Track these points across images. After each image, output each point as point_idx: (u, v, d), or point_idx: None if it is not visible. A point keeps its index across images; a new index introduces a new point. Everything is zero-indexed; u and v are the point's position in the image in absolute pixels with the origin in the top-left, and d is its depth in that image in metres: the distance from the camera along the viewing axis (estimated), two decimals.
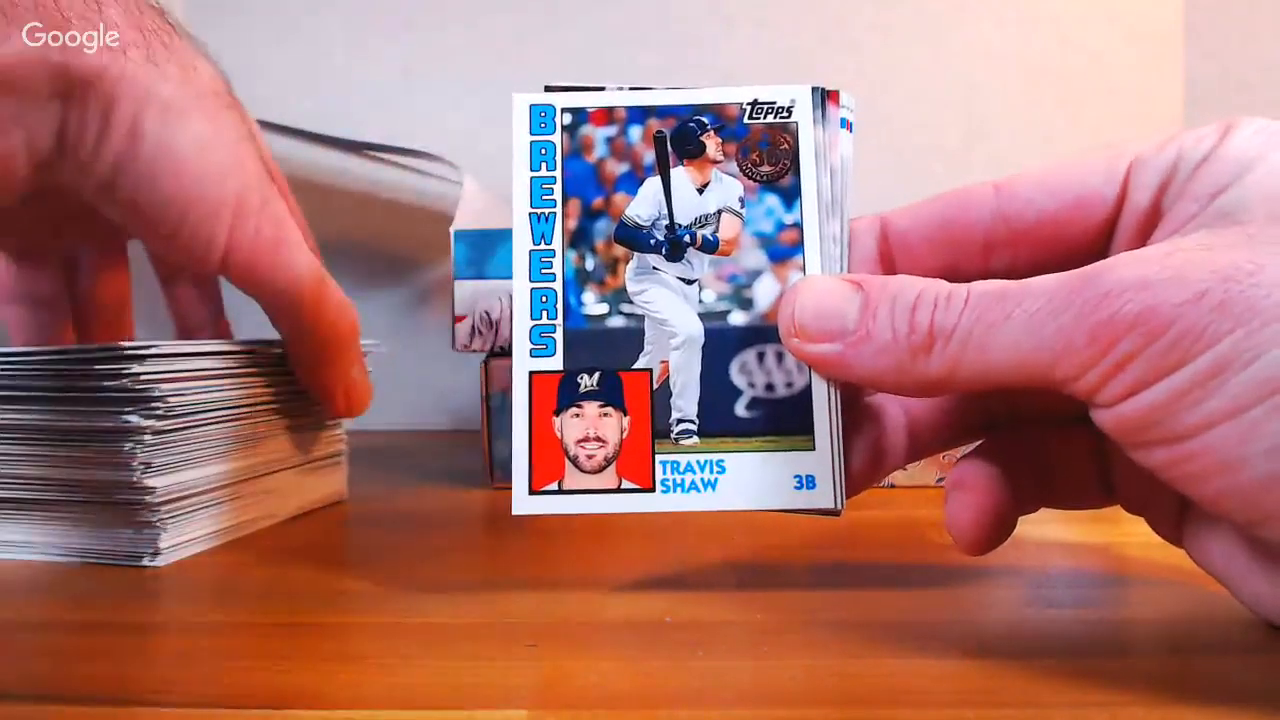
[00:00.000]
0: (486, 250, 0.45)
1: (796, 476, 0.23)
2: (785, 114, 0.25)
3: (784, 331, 0.24)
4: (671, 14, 0.72)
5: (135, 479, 0.30)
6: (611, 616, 0.25)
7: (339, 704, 0.19)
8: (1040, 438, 0.25)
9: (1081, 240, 0.24)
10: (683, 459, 0.24)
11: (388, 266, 0.73)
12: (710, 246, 0.25)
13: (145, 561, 0.30)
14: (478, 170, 0.57)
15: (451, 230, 0.46)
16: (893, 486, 0.43)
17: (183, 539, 0.31)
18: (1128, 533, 0.33)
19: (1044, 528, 0.33)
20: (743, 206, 0.25)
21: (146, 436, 0.30)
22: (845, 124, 0.26)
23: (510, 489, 0.24)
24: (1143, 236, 0.23)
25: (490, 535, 0.37)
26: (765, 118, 0.25)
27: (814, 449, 0.24)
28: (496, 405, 0.45)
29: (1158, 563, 0.29)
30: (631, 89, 0.26)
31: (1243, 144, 0.21)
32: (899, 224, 0.25)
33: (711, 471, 0.23)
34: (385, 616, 0.25)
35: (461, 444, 0.59)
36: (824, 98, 0.26)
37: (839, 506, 0.24)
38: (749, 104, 0.25)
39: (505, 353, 0.45)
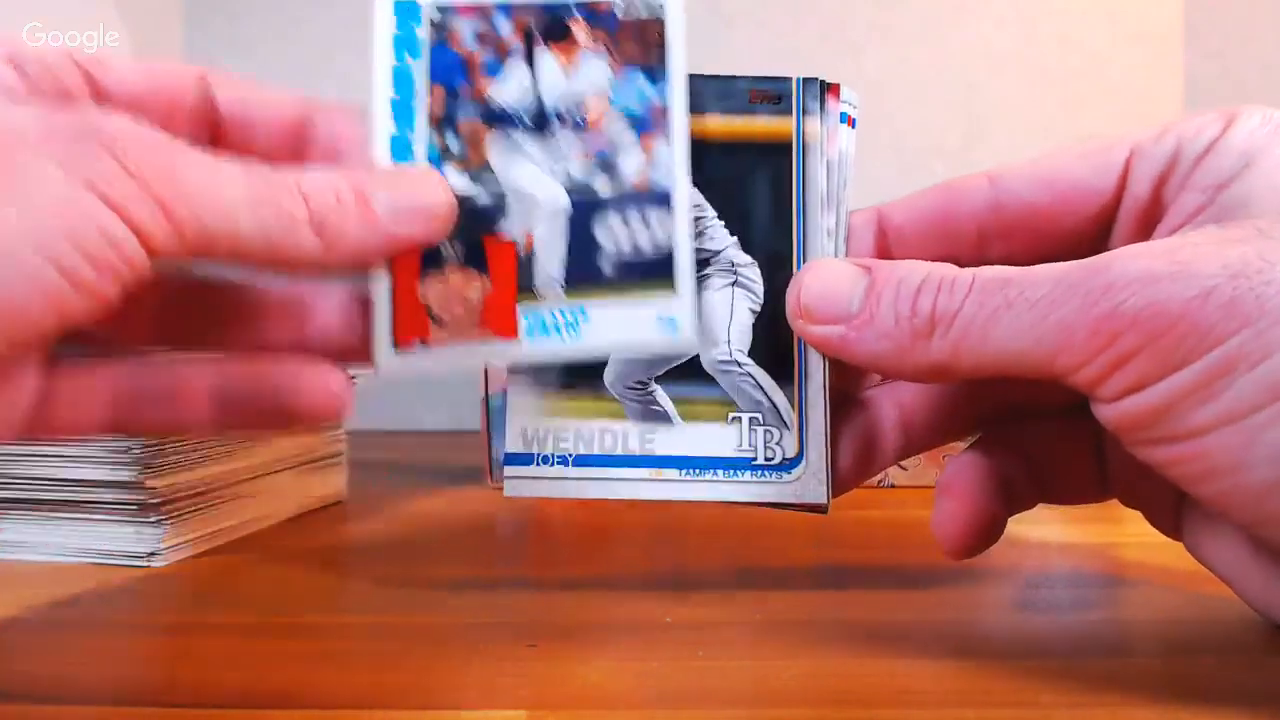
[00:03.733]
0: None
1: (660, 318, 0.23)
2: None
3: (790, 312, 0.23)
4: None
5: (135, 479, 0.30)
6: (611, 616, 0.25)
7: (339, 704, 0.19)
8: (1035, 431, 0.25)
9: (1078, 231, 0.23)
10: (545, 309, 0.23)
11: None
12: (578, 127, 0.25)
13: (145, 561, 0.30)
14: None
15: None
16: (893, 486, 0.43)
17: (183, 539, 0.31)
18: (1127, 533, 0.33)
19: (1043, 528, 0.33)
20: (609, 86, 0.25)
21: (147, 436, 0.30)
22: (846, 119, 0.25)
23: (503, 483, 0.24)
24: (1144, 227, 0.23)
25: (490, 535, 0.37)
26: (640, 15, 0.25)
27: (676, 293, 0.23)
28: (496, 405, 0.45)
29: (1157, 564, 0.29)
30: None
31: (1247, 135, 0.21)
32: (895, 217, 0.25)
33: (575, 318, 0.23)
34: (385, 616, 0.25)
35: (461, 444, 0.59)
36: (823, 90, 0.25)
37: (827, 503, 0.24)
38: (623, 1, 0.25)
39: None
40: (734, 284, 0.25)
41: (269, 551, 0.32)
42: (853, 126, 0.26)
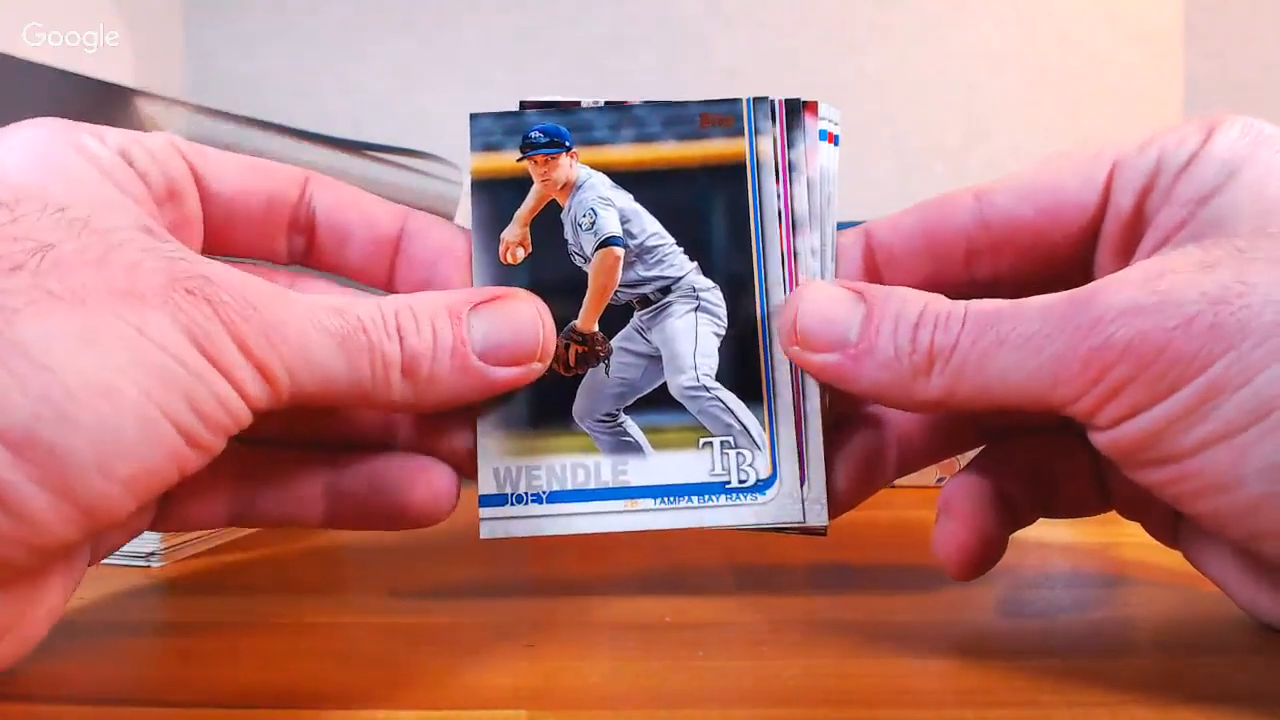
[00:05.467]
0: None
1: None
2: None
3: (784, 338, 0.23)
4: (671, 14, 0.72)
5: None
6: (611, 616, 0.25)
7: (339, 704, 0.19)
8: (1035, 446, 0.25)
9: (1064, 245, 0.23)
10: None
11: None
12: None
13: (145, 561, 0.30)
14: None
15: None
16: (892, 486, 0.43)
17: (183, 539, 0.31)
18: (1126, 534, 0.33)
19: (1043, 529, 0.33)
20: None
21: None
22: (826, 136, 0.25)
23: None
24: (1127, 242, 0.23)
25: None
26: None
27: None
28: None
29: (1156, 564, 0.29)
30: (608, 103, 0.26)
31: (1228, 146, 0.21)
32: (882, 235, 0.25)
33: None
34: (385, 616, 0.25)
35: None
36: (801, 108, 0.25)
37: (825, 525, 0.23)
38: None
39: None
40: (697, 309, 0.24)
41: (269, 551, 0.32)
42: (835, 143, 0.25)
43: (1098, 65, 0.71)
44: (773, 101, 0.25)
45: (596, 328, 0.25)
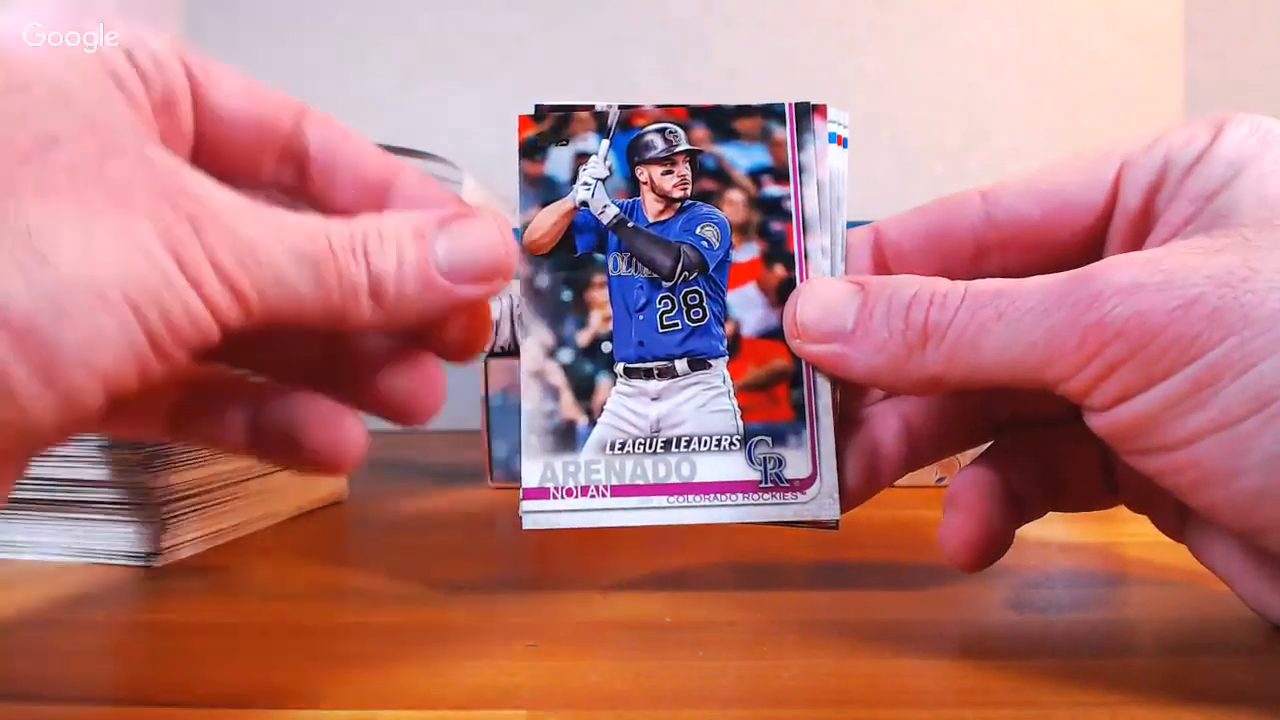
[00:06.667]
0: None
1: None
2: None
3: (787, 331, 0.24)
4: (671, 14, 0.72)
5: (135, 479, 0.30)
6: (611, 616, 0.25)
7: (339, 704, 0.19)
8: (1043, 439, 0.25)
9: (1072, 244, 0.23)
10: None
11: None
12: None
13: (145, 561, 0.30)
14: (478, 170, 0.57)
15: None
16: (893, 485, 0.43)
17: (183, 539, 0.31)
18: (1128, 533, 0.33)
19: (1044, 528, 0.33)
20: None
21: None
22: (835, 138, 0.26)
23: (516, 490, 0.24)
24: (1137, 239, 0.23)
25: (490, 535, 0.37)
26: None
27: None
28: (496, 405, 0.45)
29: (1158, 563, 0.29)
30: (621, 107, 0.26)
31: (1236, 144, 0.21)
32: (891, 234, 0.25)
33: None
34: (385, 616, 0.25)
35: (461, 444, 0.59)
36: (810, 111, 0.26)
37: (838, 518, 0.24)
38: None
39: (505, 353, 0.45)
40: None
41: (269, 551, 0.32)
42: (844, 146, 0.26)
43: (1098, 65, 0.71)
44: (809, 105, 0.26)
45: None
